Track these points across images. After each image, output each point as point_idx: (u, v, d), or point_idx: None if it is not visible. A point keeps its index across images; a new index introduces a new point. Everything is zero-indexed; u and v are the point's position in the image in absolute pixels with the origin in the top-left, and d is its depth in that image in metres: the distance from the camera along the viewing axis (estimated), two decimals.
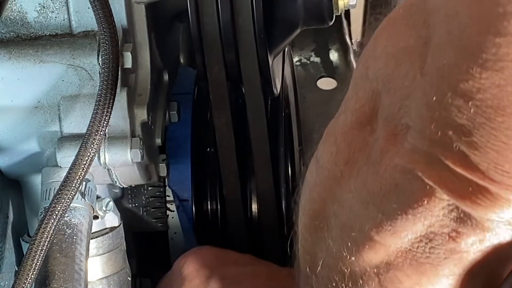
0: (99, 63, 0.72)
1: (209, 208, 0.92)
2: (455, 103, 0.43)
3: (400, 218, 0.49)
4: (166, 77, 0.87)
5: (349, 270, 0.54)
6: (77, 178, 0.68)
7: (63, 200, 0.67)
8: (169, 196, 0.90)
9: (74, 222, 0.72)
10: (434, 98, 0.44)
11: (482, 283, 0.52)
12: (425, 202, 0.47)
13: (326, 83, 1.19)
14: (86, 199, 0.73)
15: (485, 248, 0.49)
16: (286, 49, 0.96)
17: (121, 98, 0.73)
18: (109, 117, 0.68)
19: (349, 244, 0.53)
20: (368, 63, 0.51)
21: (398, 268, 0.52)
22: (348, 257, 0.54)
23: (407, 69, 0.47)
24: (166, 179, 0.89)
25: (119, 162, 0.74)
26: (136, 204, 0.89)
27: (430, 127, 0.45)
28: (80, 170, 0.68)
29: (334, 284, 0.56)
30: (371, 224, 0.51)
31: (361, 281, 0.54)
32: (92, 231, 0.76)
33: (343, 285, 0.56)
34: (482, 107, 0.42)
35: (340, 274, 0.55)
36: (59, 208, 0.67)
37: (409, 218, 0.49)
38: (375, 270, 0.53)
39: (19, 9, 0.73)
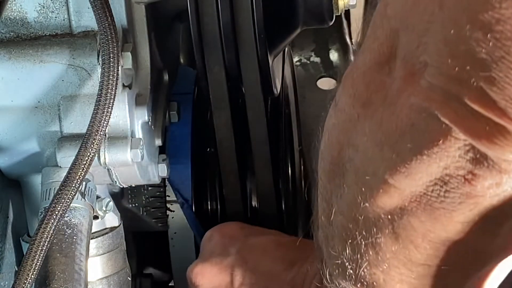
0: (99, 63, 0.72)
1: (209, 208, 0.92)
2: (473, 36, 0.41)
3: (415, 159, 0.48)
4: (166, 77, 0.87)
5: (362, 217, 0.54)
6: (77, 178, 0.68)
7: (63, 200, 0.67)
8: (169, 196, 0.90)
9: (74, 222, 0.72)
10: (452, 31, 0.42)
11: (502, 231, 0.51)
12: (441, 142, 0.46)
13: (326, 83, 1.19)
14: (86, 199, 0.73)
15: (502, 193, 0.47)
16: (286, 49, 0.96)
17: (121, 98, 0.73)
18: (109, 117, 0.68)
19: (363, 189, 0.52)
20: (387, 0, 0.49)
21: (412, 214, 0.51)
22: (362, 203, 0.53)
23: (426, 3, 0.45)
24: (166, 179, 0.89)
25: (119, 162, 0.74)
26: (136, 204, 0.89)
27: (448, 62, 0.43)
28: (80, 170, 0.68)
29: (348, 233, 0.56)
30: (385, 166, 0.50)
31: (374, 229, 0.53)
32: (92, 231, 0.76)
33: (356, 233, 0.55)
34: (501, 40, 0.40)
35: (354, 222, 0.54)
36: (59, 208, 0.67)
37: (424, 159, 0.47)
38: (389, 217, 0.52)
39: (19, 9, 0.73)
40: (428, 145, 0.47)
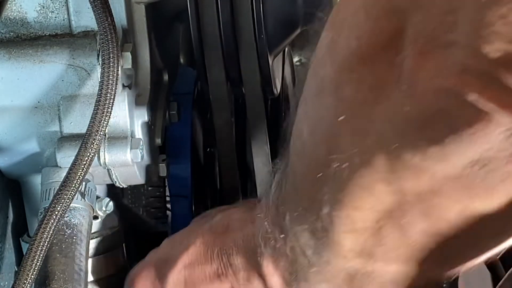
0: (99, 63, 0.72)
1: (208, 208, 0.91)
2: None
3: (450, 145, 0.44)
4: (166, 77, 0.87)
5: (383, 203, 0.50)
6: (77, 178, 0.68)
7: (63, 200, 0.67)
8: (169, 196, 0.90)
9: (74, 222, 0.72)
10: (498, 12, 0.38)
11: None
12: (481, 127, 0.42)
13: None
14: (86, 199, 0.73)
15: None
16: (286, 49, 0.96)
17: (121, 98, 0.73)
18: (109, 117, 0.68)
19: (385, 173, 0.48)
20: None
21: (446, 195, 0.48)
22: (385, 187, 0.49)
23: None
24: (166, 179, 0.89)
25: (119, 162, 0.74)
26: (136, 204, 0.89)
27: (492, 45, 0.39)
28: (80, 170, 0.68)
29: (365, 222, 0.52)
30: (414, 150, 0.46)
31: (399, 212, 0.50)
32: (92, 231, 0.76)
33: (377, 216, 0.51)
34: None
35: (373, 209, 0.51)
36: (59, 208, 0.67)
37: (462, 144, 0.44)
38: (417, 198, 0.49)
39: (19, 9, 0.73)
40: (466, 131, 0.43)
